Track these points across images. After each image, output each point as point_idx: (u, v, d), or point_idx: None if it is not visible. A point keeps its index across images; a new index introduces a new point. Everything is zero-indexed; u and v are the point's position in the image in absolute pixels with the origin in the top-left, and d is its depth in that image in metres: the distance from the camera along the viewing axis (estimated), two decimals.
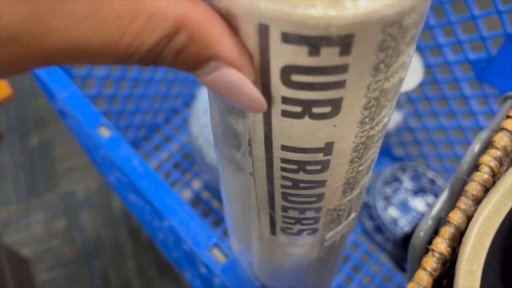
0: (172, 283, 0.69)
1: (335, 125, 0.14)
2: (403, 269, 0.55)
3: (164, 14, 0.11)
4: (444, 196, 0.24)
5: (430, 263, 0.17)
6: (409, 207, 0.59)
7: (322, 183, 0.17)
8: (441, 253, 0.17)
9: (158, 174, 0.33)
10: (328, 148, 0.15)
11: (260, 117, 0.14)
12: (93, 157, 0.56)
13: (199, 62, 0.12)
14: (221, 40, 0.12)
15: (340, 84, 0.12)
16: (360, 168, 0.17)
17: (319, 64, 0.12)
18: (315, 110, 0.13)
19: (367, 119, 0.14)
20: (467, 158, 0.22)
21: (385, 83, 0.13)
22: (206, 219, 0.60)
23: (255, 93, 0.13)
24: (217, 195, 0.61)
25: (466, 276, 0.16)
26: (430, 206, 0.57)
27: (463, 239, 0.17)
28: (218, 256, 0.30)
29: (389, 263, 0.56)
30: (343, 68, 0.12)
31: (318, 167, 0.16)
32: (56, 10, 0.10)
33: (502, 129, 0.20)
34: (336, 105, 0.13)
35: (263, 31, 0.11)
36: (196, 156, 0.55)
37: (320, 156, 0.15)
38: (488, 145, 0.21)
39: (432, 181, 0.60)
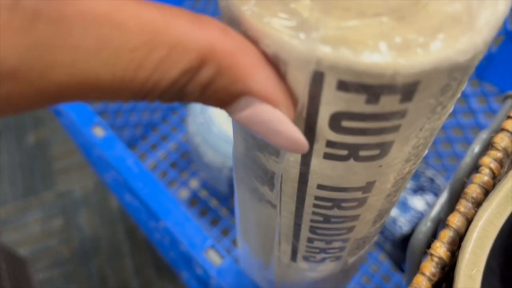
0: (170, 283, 0.69)
1: (380, 166, 0.13)
2: (401, 269, 0.55)
3: (186, 45, 0.10)
4: (443, 198, 0.23)
5: (429, 267, 0.17)
6: (408, 206, 0.59)
7: (355, 218, 0.16)
8: (440, 258, 0.17)
9: (153, 174, 0.33)
10: (368, 187, 0.14)
11: (297, 157, 0.13)
12: (89, 156, 0.55)
13: (229, 98, 0.11)
14: (253, 73, 0.10)
15: (394, 129, 0.11)
16: (394, 199, 0.16)
17: (376, 111, 0.10)
18: (362, 153, 0.12)
19: (412, 157, 0.13)
20: (467, 158, 0.21)
21: (437, 122, 0.12)
22: (203, 218, 0.59)
23: (294, 132, 0.11)
24: (214, 194, 0.61)
25: (466, 282, 0.16)
26: (429, 205, 0.56)
27: (463, 243, 0.16)
28: (214, 257, 0.29)
29: (388, 263, 0.56)
30: (401, 114, 0.11)
31: (355, 204, 0.15)
32: (60, 41, 0.09)
33: (502, 129, 0.20)
34: (385, 148, 0.12)
35: (317, 78, 0.10)
36: (193, 155, 0.54)
37: (358, 194, 0.14)
38: (488, 145, 0.20)
39: (431, 180, 0.60)
